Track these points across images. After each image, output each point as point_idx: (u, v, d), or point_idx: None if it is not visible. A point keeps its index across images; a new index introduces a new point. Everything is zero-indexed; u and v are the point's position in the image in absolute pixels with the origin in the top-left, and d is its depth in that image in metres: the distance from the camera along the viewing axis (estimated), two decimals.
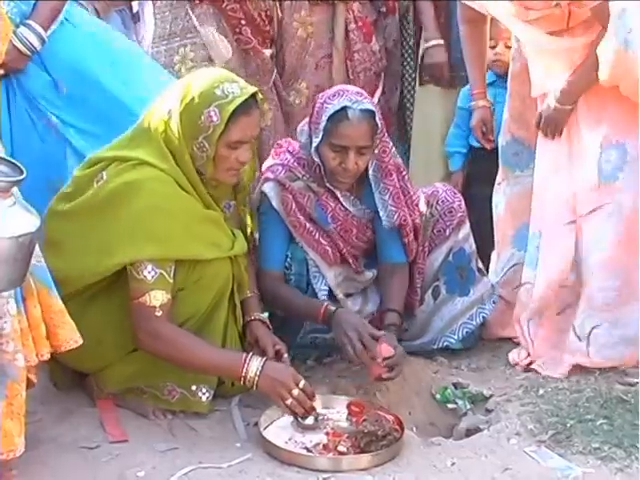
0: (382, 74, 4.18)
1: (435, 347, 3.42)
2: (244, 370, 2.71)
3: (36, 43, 3.16)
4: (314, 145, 3.11)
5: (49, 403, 2.87)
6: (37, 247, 2.45)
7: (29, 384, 2.51)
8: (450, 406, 3.12)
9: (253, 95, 2.80)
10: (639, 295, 3.23)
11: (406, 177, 3.31)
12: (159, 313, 2.71)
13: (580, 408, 2.93)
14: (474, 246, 3.47)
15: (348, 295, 3.35)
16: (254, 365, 2.71)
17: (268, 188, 3.20)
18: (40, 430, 2.70)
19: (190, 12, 3.74)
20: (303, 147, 3.22)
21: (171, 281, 2.75)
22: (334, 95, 3.10)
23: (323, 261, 3.26)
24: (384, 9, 4.22)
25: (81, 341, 2.52)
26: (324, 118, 3.05)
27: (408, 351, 3.19)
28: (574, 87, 3.24)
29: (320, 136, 3.08)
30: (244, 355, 2.75)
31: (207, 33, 3.72)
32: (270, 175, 3.21)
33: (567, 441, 2.74)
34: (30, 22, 3.17)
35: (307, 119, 3.25)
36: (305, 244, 3.23)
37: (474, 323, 3.43)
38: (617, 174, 3.22)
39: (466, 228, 3.43)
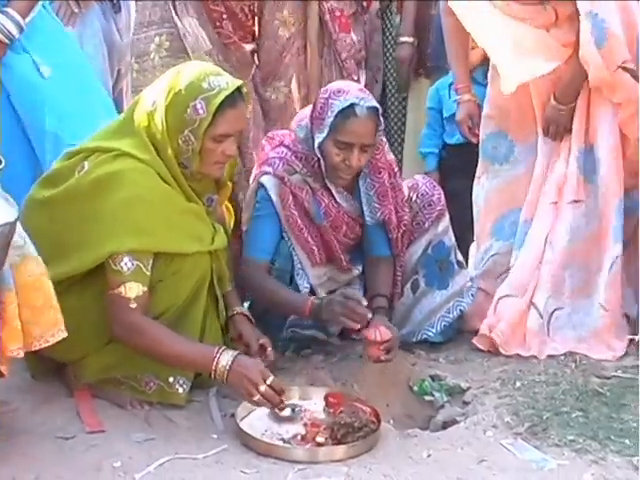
0: (362, 65, 4.18)
1: (414, 340, 3.43)
2: (214, 364, 2.69)
3: (14, 31, 3.15)
4: (318, 141, 3.10)
5: (25, 392, 2.86)
6: None
7: None
8: (427, 398, 3.12)
9: (239, 89, 2.79)
10: (599, 289, 3.39)
11: (397, 174, 3.32)
12: (133, 305, 2.70)
13: (556, 401, 2.95)
14: (453, 239, 3.48)
15: (331, 292, 3.34)
16: (224, 359, 2.69)
17: (266, 180, 3.20)
18: (16, 420, 2.69)
19: (170, 2, 3.72)
20: (302, 142, 3.21)
21: (148, 274, 2.73)
22: (339, 91, 3.09)
23: (308, 260, 3.27)
24: (365, 3, 4.24)
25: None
26: (330, 114, 3.05)
27: None
28: (569, 86, 3.34)
29: (325, 132, 3.07)
30: (216, 349, 2.73)
31: (187, 25, 3.70)
32: (268, 168, 3.21)
33: (543, 433, 2.75)
34: (8, 10, 3.16)
35: (303, 114, 3.27)
36: (294, 240, 3.23)
37: (451, 316, 3.44)
38: (593, 176, 3.37)
39: (445, 221, 3.44)
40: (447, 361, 3.35)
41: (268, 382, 2.69)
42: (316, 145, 3.13)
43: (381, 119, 3.14)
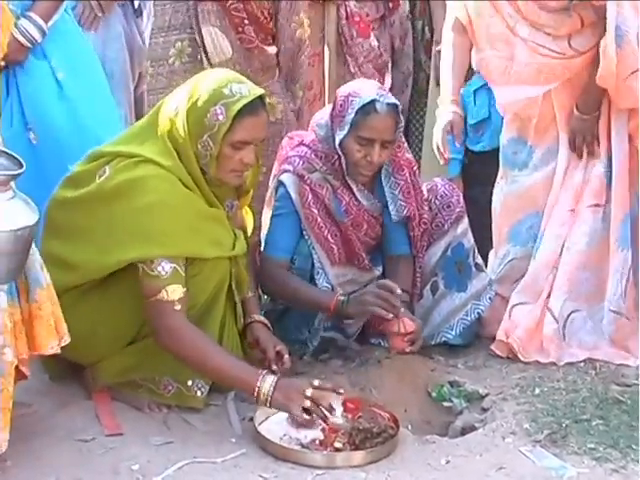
0: (386, 70, 4.15)
1: (433, 342, 3.41)
2: (258, 384, 2.67)
3: (37, 35, 3.16)
4: (339, 138, 3.14)
5: (44, 395, 2.86)
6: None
7: (22, 377, 2.52)
8: (446, 404, 3.11)
9: (261, 98, 2.80)
10: (608, 296, 3.41)
11: (417, 173, 3.35)
12: (178, 307, 2.69)
13: (576, 408, 2.93)
14: (472, 241, 3.47)
15: (352, 294, 3.33)
16: (267, 384, 2.67)
17: (286, 178, 3.23)
18: (35, 422, 2.69)
19: (192, 9, 3.72)
20: (322, 140, 3.24)
21: (184, 275, 2.73)
22: (359, 89, 3.15)
23: (327, 259, 3.27)
24: (390, 4, 4.20)
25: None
26: (351, 111, 3.10)
27: None
28: (589, 94, 3.34)
29: (346, 129, 3.11)
30: (260, 370, 2.72)
31: (206, 34, 3.71)
32: (288, 166, 3.24)
33: (562, 441, 2.73)
34: (31, 14, 3.17)
35: (322, 113, 3.31)
36: (313, 238, 3.24)
37: (470, 319, 3.43)
38: (611, 182, 3.39)
39: (464, 223, 3.44)
40: (466, 367, 3.33)
41: (308, 394, 2.65)
42: (337, 143, 3.16)
43: (401, 116, 3.17)
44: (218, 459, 2.60)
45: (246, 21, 3.76)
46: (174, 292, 2.69)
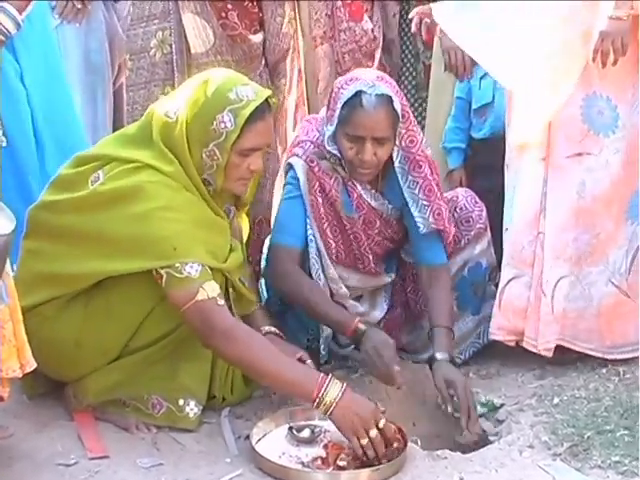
0: (378, 54, 3.99)
1: None
2: (321, 392, 2.53)
3: (11, 27, 3.06)
4: (328, 133, 2.99)
5: (22, 416, 2.75)
6: None
7: None
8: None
9: (267, 99, 2.69)
10: (610, 265, 3.20)
11: (438, 170, 3.14)
12: (222, 302, 2.58)
13: (599, 418, 2.82)
14: (492, 260, 3.30)
15: (357, 298, 3.22)
16: (334, 390, 2.53)
17: (295, 161, 3.08)
18: (12, 446, 2.59)
19: None
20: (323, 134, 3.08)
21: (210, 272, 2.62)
22: (350, 79, 2.96)
23: (325, 252, 3.11)
24: None
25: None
26: (338, 105, 2.92)
27: (414, 362, 3.23)
28: None
29: (335, 124, 2.95)
30: (323, 375, 2.59)
31: (186, 21, 3.58)
32: (299, 150, 3.10)
33: (585, 454, 2.63)
34: (5, 5, 3.05)
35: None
36: (315, 227, 3.08)
37: (482, 342, 3.30)
38: (615, 125, 3.14)
39: (484, 241, 3.25)
40: (478, 376, 3.24)
41: (380, 426, 2.53)
42: (326, 138, 3.00)
43: (397, 108, 2.92)
44: None
45: (229, 6, 3.64)
46: (211, 288, 2.57)
